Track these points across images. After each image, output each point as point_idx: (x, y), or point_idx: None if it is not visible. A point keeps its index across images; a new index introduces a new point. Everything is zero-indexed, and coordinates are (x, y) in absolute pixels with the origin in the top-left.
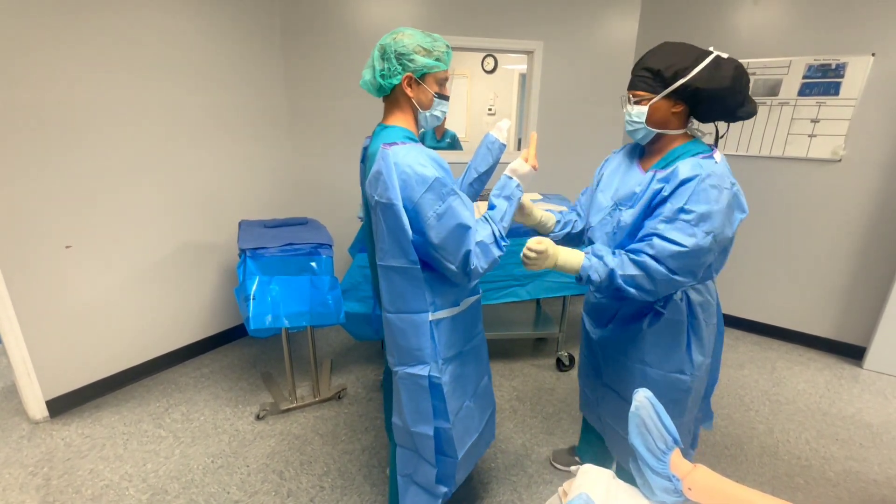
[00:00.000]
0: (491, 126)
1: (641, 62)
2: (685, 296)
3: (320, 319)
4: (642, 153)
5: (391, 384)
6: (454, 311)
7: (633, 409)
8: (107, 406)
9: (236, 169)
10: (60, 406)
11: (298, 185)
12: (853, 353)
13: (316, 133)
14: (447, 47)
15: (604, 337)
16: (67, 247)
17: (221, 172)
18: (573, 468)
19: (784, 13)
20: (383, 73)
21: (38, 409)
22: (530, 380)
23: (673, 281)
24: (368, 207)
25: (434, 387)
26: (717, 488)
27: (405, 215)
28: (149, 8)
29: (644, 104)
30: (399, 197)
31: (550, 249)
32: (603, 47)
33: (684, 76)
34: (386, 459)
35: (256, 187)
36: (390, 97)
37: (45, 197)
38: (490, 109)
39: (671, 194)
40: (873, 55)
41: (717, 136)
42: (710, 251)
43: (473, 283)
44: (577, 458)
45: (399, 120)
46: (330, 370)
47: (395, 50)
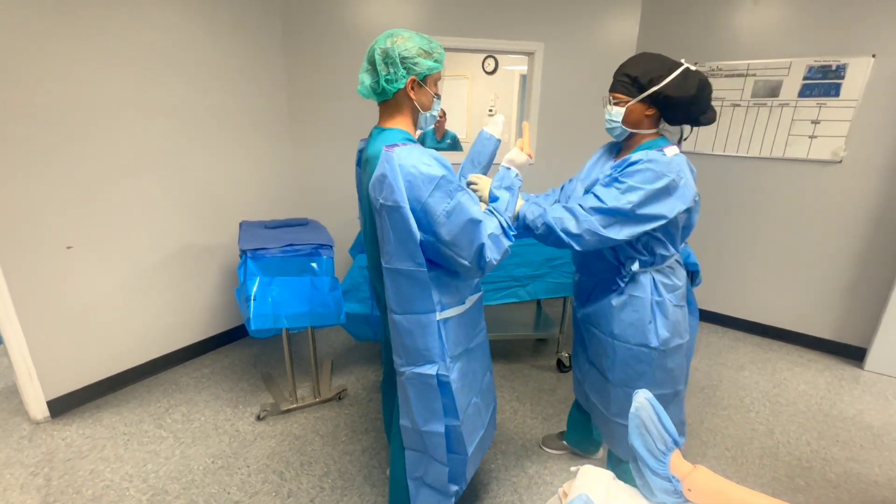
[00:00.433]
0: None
1: (622, 68)
2: (651, 276)
3: (321, 320)
4: (620, 148)
5: (391, 387)
6: (461, 310)
7: (633, 410)
8: (107, 406)
9: (237, 170)
10: (61, 406)
11: (299, 186)
12: (854, 355)
13: (317, 134)
14: (441, 47)
15: (584, 314)
16: (68, 247)
17: (222, 173)
18: (573, 468)
19: (784, 14)
20: (388, 78)
21: (39, 410)
22: (531, 381)
23: (594, 228)
24: (370, 210)
25: (443, 385)
26: (717, 489)
27: (412, 217)
28: (150, 9)
29: (622, 106)
30: (405, 199)
31: (482, 183)
32: (603, 48)
33: (658, 83)
34: (386, 460)
35: (257, 188)
36: (391, 100)
37: (47, 197)
38: (491, 110)
39: (620, 172)
40: (874, 56)
41: (681, 138)
42: (628, 216)
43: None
44: (565, 443)
45: (398, 122)
46: (330, 371)
47: (400, 54)
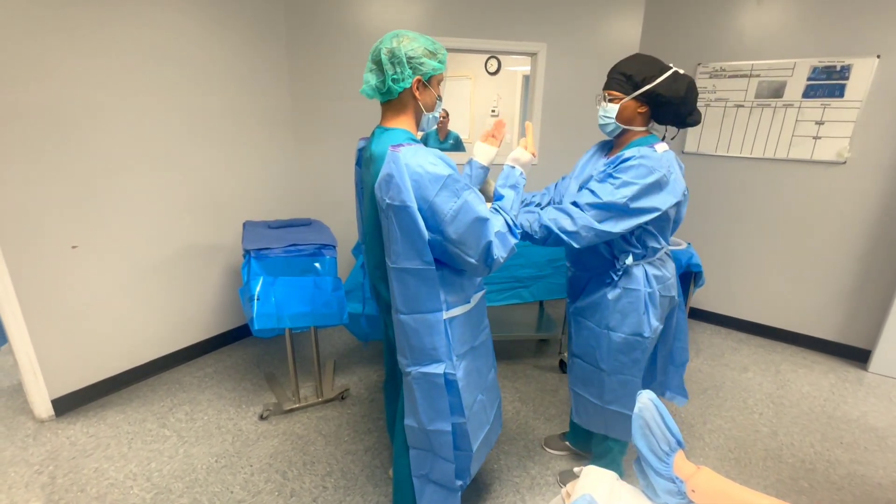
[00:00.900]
0: (490, 126)
1: (617, 67)
2: (643, 269)
3: (324, 320)
4: (612, 146)
5: (393, 387)
6: (466, 308)
7: (637, 411)
8: (112, 405)
9: (241, 170)
10: (66, 405)
11: (303, 186)
12: (858, 356)
13: (320, 134)
14: (444, 49)
15: (577, 308)
16: (73, 247)
17: (226, 173)
18: (576, 469)
19: (788, 15)
20: (395, 78)
21: (44, 408)
22: (533, 381)
23: (590, 224)
24: (373, 209)
25: (449, 384)
26: (721, 491)
27: (420, 216)
28: (154, 8)
29: (616, 102)
30: (413, 199)
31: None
32: (606, 49)
33: (651, 82)
34: (389, 460)
35: (261, 188)
36: (395, 100)
37: (52, 197)
38: (493, 111)
39: (614, 169)
40: (878, 57)
41: (663, 137)
42: (623, 210)
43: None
44: (567, 443)
45: (401, 122)
46: (333, 371)
47: (406, 54)
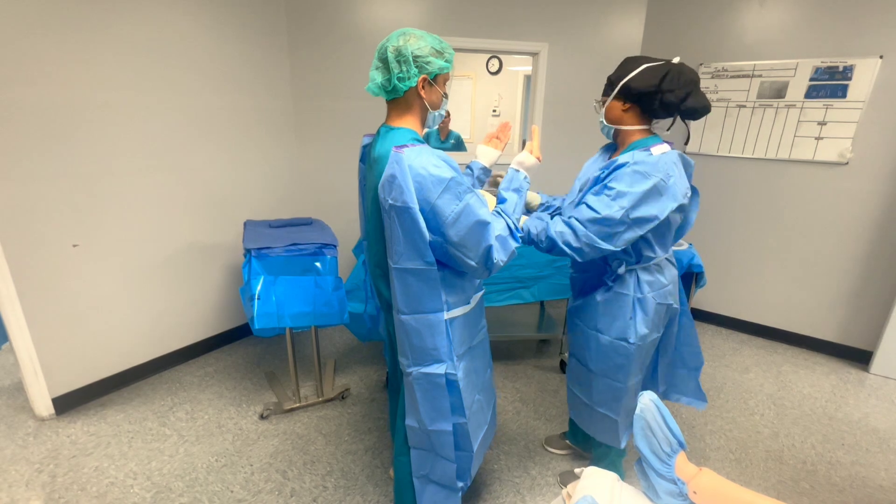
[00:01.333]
0: (493, 127)
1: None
2: (635, 273)
3: (324, 319)
4: (616, 148)
5: (396, 387)
6: (466, 309)
7: (639, 412)
8: (112, 404)
9: (242, 169)
10: (66, 403)
11: (303, 186)
12: (860, 358)
13: (321, 133)
14: (451, 48)
15: (574, 307)
16: (75, 245)
17: (227, 172)
18: (577, 470)
19: (791, 15)
20: (400, 76)
21: (45, 407)
22: (533, 382)
23: (593, 242)
24: (376, 208)
25: (450, 384)
26: (723, 492)
27: (421, 217)
28: (155, 9)
29: (604, 105)
30: (415, 200)
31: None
32: (608, 49)
33: (623, 80)
34: (389, 460)
35: (262, 187)
36: (400, 99)
37: (53, 196)
38: (494, 111)
39: (607, 176)
40: (881, 57)
41: (688, 138)
42: (623, 223)
43: (490, 276)
44: (568, 442)
45: (406, 121)
46: (333, 370)
47: (412, 52)
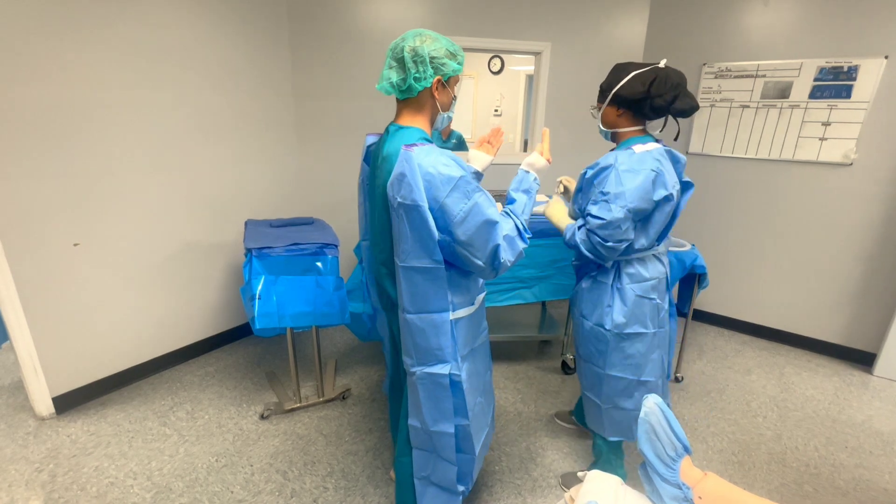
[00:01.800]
0: (494, 127)
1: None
2: (616, 264)
3: (325, 319)
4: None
5: (397, 388)
6: (471, 310)
7: (643, 416)
8: (112, 403)
9: (243, 168)
10: (66, 403)
11: (305, 185)
12: (863, 360)
13: (322, 133)
14: (462, 51)
15: (572, 294)
16: (75, 244)
17: (228, 172)
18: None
19: (795, 15)
20: (417, 76)
21: (45, 406)
22: (535, 382)
23: (606, 245)
24: (383, 206)
25: (454, 385)
26: (728, 497)
27: (430, 216)
28: (157, 9)
29: (598, 111)
30: (424, 198)
31: (558, 192)
32: (611, 49)
33: (613, 88)
34: (390, 461)
35: (263, 187)
36: (413, 99)
37: (54, 195)
38: (496, 110)
39: (595, 179)
40: (886, 58)
41: (678, 134)
42: (627, 219)
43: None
44: (573, 418)
45: (416, 121)
46: (334, 370)
47: (429, 54)
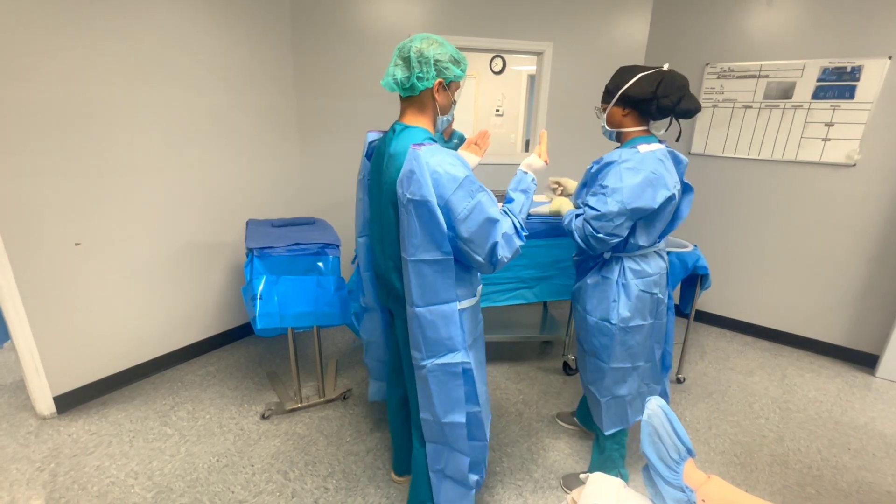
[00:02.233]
0: (497, 126)
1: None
2: (621, 261)
3: (326, 320)
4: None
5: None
6: (473, 302)
7: (645, 418)
8: (113, 403)
9: (244, 168)
10: (68, 402)
11: (306, 185)
12: (866, 361)
13: (324, 133)
14: (466, 60)
15: (574, 290)
16: (77, 244)
17: (230, 172)
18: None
19: (798, 15)
20: (420, 76)
21: (46, 405)
22: (536, 383)
23: (596, 236)
24: (389, 203)
25: (466, 372)
26: (731, 500)
27: (439, 210)
28: (159, 9)
29: (604, 111)
30: (433, 194)
31: (557, 193)
32: (614, 49)
33: (621, 88)
34: (391, 462)
35: (264, 187)
36: (416, 98)
37: (56, 194)
38: (498, 110)
39: (598, 174)
40: (890, 58)
41: (679, 135)
42: (622, 215)
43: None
44: (576, 419)
45: (420, 120)
46: (335, 371)
47: (434, 57)
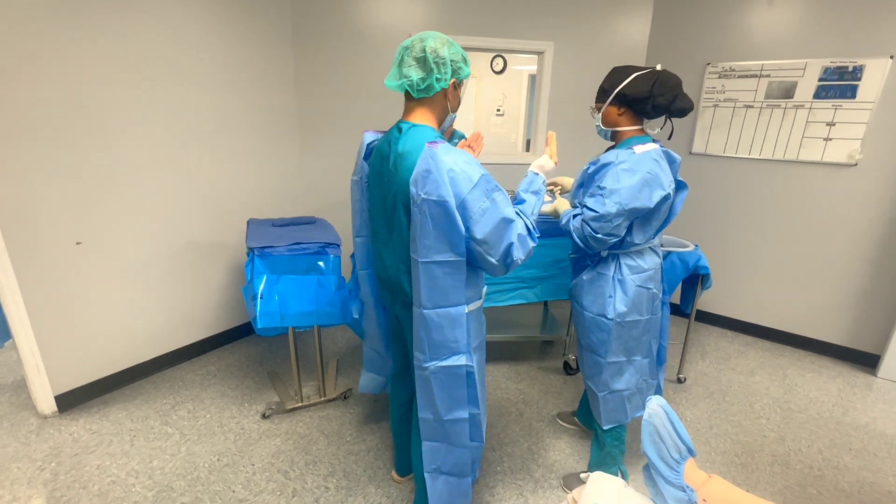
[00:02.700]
0: (498, 126)
1: (601, 83)
2: (617, 257)
3: (327, 319)
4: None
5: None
6: (478, 304)
7: (646, 417)
8: (114, 402)
9: (245, 168)
10: (69, 401)
11: (307, 185)
12: (867, 361)
13: (324, 133)
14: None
15: (571, 286)
16: (78, 243)
17: (230, 171)
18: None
19: (800, 14)
20: (439, 78)
21: (47, 404)
22: (537, 383)
23: (595, 237)
24: (399, 204)
25: (469, 375)
26: (732, 500)
27: (456, 211)
28: (160, 9)
29: (599, 111)
30: (451, 194)
31: (557, 194)
32: (614, 48)
33: (616, 88)
34: (391, 461)
35: (265, 186)
36: (427, 98)
37: (57, 194)
38: (499, 110)
39: (595, 174)
40: (892, 58)
41: (672, 133)
42: (620, 215)
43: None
44: (576, 418)
45: (428, 119)
46: (336, 370)
47: (450, 58)
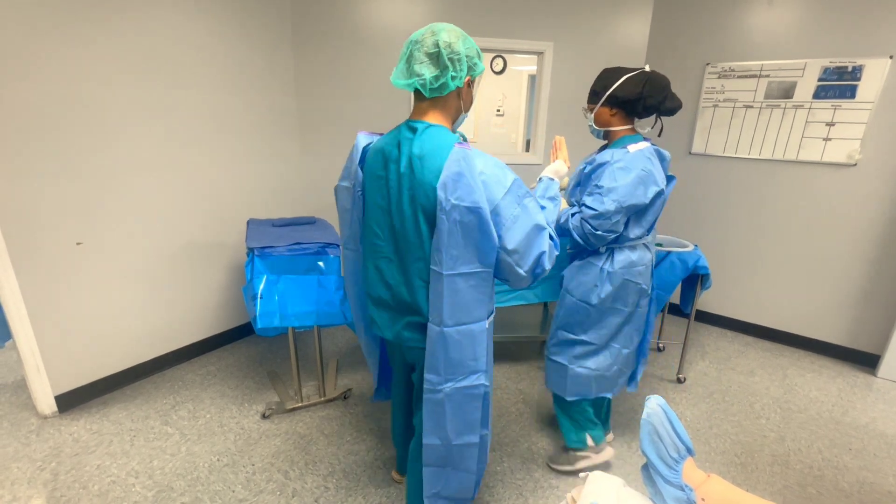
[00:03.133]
0: (497, 126)
1: (592, 85)
2: (610, 250)
3: (327, 319)
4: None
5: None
6: (493, 318)
7: (645, 417)
8: (115, 402)
9: (245, 168)
10: (69, 401)
11: (307, 185)
12: (867, 361)
13: (324, 133)
14: None
15: (561, 275)
16: (78, 243)
17: (230, 171)
18: (581, 475)
19: (799, 15)
20: (454, 75)
21: (47, 404)
22: (537, 383)
23: (595, 234)
24: (415, 212)
25: (485, 395)
26: (731, 499)
27: (491, 219)
28: (160, 9)
29: (591, 112)
30: (485, 201)
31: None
32: (614, 48)
33: (608, 89)
34: (391, 461)
35: (265, 186)
36: (439, 97)
37: (57, 194)
38: (499, 111)
39: (592, 174)
40: (891, 58)
41: (661, 131)
42: (618, 213)
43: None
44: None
45: (441, 119)
46: (336, 370)
47: (466, 53)
